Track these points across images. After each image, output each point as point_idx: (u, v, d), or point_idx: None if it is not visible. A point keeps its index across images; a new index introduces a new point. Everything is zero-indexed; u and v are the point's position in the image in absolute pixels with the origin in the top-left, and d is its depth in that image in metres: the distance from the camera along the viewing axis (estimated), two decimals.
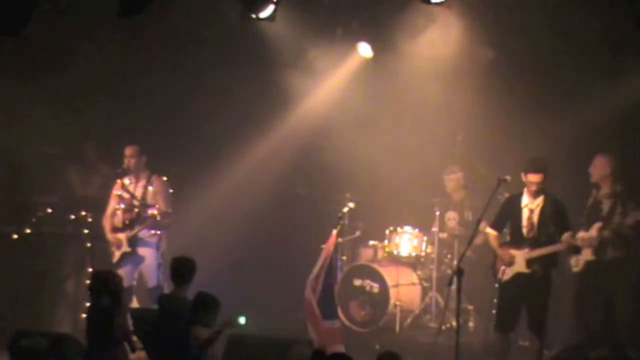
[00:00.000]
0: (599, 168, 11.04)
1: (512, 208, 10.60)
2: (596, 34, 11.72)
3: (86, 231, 12.35)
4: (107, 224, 11.92)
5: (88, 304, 9.48)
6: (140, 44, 12.85)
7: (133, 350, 9.34)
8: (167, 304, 9.42)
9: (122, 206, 11.83)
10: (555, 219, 10.41)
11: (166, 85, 13.16)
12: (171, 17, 12.70)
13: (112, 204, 11.93)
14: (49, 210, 12.49)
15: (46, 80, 12.62)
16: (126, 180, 11.87)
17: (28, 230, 12.36)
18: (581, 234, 10.55)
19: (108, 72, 12.92)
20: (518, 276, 10.49)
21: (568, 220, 10.50)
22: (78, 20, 12.39)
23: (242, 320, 9.03)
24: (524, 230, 10.50)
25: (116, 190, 11.90)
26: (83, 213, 12.40)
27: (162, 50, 13.02)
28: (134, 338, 9.44)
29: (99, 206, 12.27)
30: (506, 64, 12.29)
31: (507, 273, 10.52)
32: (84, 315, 10.72)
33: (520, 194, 10.57)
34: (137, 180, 11.88)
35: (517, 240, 10.57)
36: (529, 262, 10.41)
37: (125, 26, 12.17)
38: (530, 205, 10.47)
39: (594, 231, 10.64)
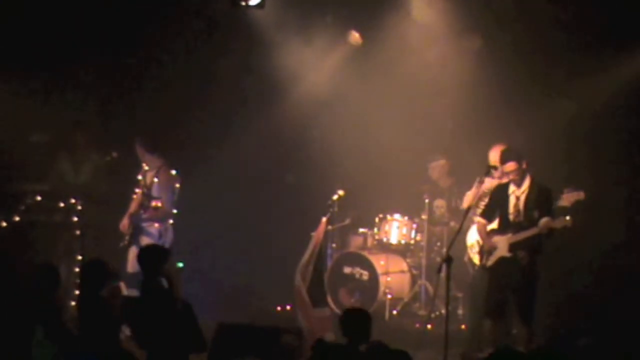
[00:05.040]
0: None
1: (500, 196, 10.64)
2: (589, 20, 11.73)
3: (76, 219, 12.32)
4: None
5: (77, 292, 9.46)
6: (132, 31, 12.83)
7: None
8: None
9: (138, 191, 11.84)
10: (539, 204, 10.44)
11: (157, 72, 13.14)
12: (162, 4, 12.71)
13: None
14: (39, 198, 12.44)
15: (36, 68, 12.60)
16: (145, 167, 11.87)
17: (17, 219, 12.31)
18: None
19: (100, 60, 12.91)
20: (501, 260, 10.54)
21: (550, 206, 10.48)
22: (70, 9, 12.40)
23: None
24: (511, 217, 10.56)
25: (140, 175, 11.91)
26: (72, 201, 12.38)
27: (152, 37, 12.98)
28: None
29: (88, 194, 12.25)
30: (496, 51, 12.29)
31: (491, 258, 10.59)
32: (73, 303, 10.72)
33: (508, 183, 10.60)
34: (151, 169, 11.86)
35: (504, 227, 10.61)
36: (512, 246, 10.46)
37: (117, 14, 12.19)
38: (516, 193, 10.54)
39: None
